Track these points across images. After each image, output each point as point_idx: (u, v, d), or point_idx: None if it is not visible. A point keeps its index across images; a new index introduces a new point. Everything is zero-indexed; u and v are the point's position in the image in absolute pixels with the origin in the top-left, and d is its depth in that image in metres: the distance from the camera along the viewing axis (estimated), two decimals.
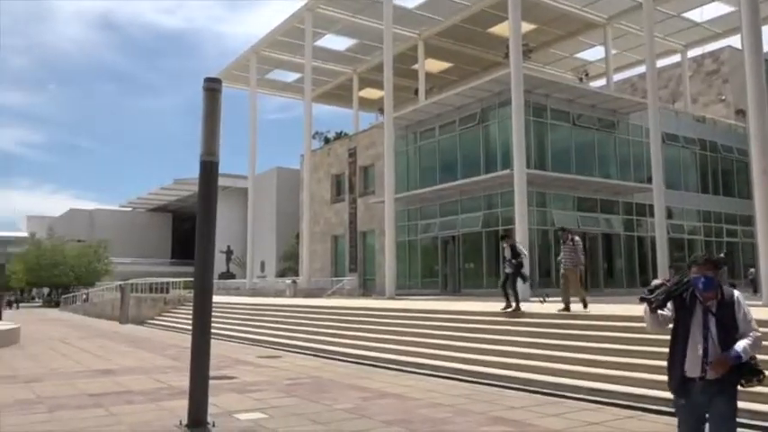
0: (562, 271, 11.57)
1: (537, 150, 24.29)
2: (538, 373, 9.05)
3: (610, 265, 26.49)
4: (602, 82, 34.53)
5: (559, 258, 11.79)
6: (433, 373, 10.17)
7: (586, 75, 35.53)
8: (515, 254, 12.16)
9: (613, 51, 32.66)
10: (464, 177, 25.75)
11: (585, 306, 11.24)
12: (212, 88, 6.58)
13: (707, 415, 3.60)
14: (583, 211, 25.30)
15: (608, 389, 7.93)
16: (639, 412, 6.95)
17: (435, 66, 35.03)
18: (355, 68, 37.25)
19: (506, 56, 25.31)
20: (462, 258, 26.58)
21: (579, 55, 35.56)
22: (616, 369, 8.43)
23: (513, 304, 11.91)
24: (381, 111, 30.73)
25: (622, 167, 26.84)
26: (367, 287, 31.99)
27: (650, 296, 3.60)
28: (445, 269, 27.73)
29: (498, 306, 12.42)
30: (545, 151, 24.88)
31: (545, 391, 8.38)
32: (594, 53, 34.92)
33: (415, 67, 33.07)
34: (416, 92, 33.01)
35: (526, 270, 12.89)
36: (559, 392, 8.21)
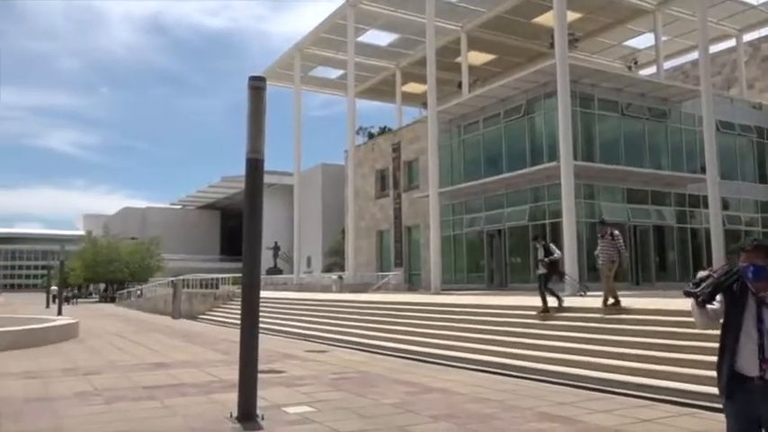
0: (599, 263, 11.30)
1: (584, 141, 23.81)
2: (585, 369, 8.90)
3: (662, 258, 25.77)
4: (652, 70, 33.57)
5: (596, 252, 11.51)
6: (478, 367, 10.12)
7: (635, 63, 34.60)
8: (548, 253, 11.99)
9: (664, 38, 31.70)
10: (509, 170, 25.44)
11: (606, 304, 10.75)
12: (257, 87, 6.70)
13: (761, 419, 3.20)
14: (633, 203, 24.67)
15: (658, 385, 7.75)
16: (693, 409, 6.77)
17: (479, 58, 34.68)
18: (398, 63, 37.21)
19: (551, 46, 24.86)
20: (508, 252, 26.31)
21: (628, 43, 34.64)
22: (667, 365, 8.21)
23: (555, 303, 11.72)
24: (425, 105, 30.64)
25: (674, 157, 26.05)
26: (412, 282, 32.00)
27: (696, 290, 3.24)
28: (491, 263, 27.50)
29: (550, 300, 12.27)
30: (593, 142, 24.36)
31: (592, 386, 8.24)
32: (644, 40, 33.98)
33: (459, 60, 32.80)
34: (460, 85, 32.77)
35: (563, 268, 12.67)
36: (608, 388, 8.06)
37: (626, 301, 11.06)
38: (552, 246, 12.30)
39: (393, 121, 40.71)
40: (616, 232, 11.15)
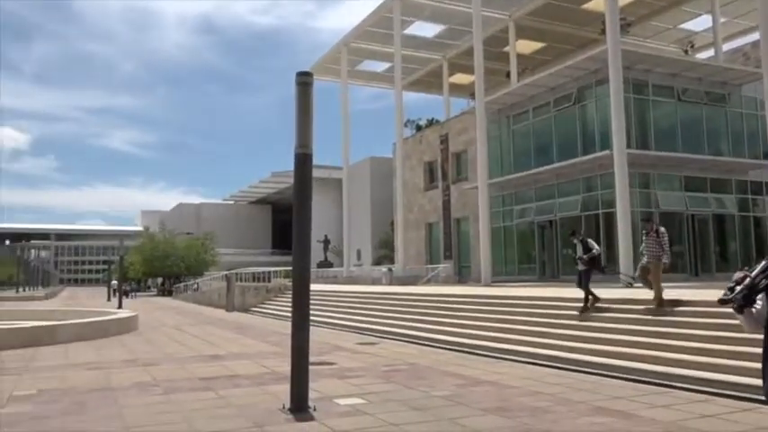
0: (643, 262, 10.85)
1: (638, 129, 23.15)
2: (640, 362, 8.67)
3: (723, 247, 24.88)
4: (709, 53, 32.30)
5: (641, 250, 11.10)
6: (530, 360, 9.99)
7: (692, 46, 33.40)
8: (587, 249, 11.70)
9: (722, 19, 30.48)
10: (560, 160, 24.98)
11: (661, 305, 10.21)
12: (304, 82, 6.75)
13: None
14: (691, 192, 23.87)
15: (718, 379, 7.48)
16: (755, 404, 6.50)
17: (527, 47, 34.09)
18: (445, 54, 36.94)
19: (603, 32, 24.24)
20: (560, 243, 25.86)
21: (683, 26, 33.43)
22: (727, 358, 7.92)
23: (591, 299, 11.45)
24: (472, 96, 30.34)
25: (735, 143, 25.06)
26: (462, 274, 31.84)
27: (730, 296, 2.91)
28: (543, 255, 27.10)
29: (597, 292, 12.01)
30: (647, 129, 23.65)
31: (648, 380, 8.02)
32: (700, 23, 32.70)
33: (507, 49, 32.33)
34: (508, 74, 32.31)
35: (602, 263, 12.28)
36: (665, 382, 7.83)
37: (684, 293, 10.72)
38: (590, 241, 12.00)
39: (441, 113, 40.54)
40: (662, 229, 10.69)
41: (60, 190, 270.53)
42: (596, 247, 11.85)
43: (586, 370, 8.95)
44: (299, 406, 6.37)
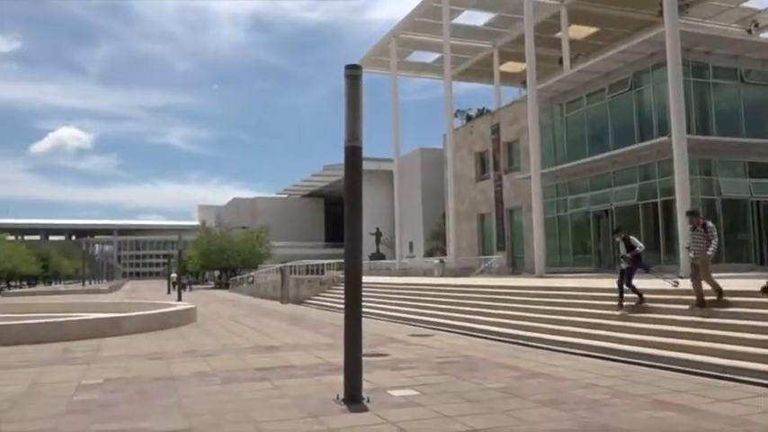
0: (690, 257, 10.35)
1: (698, 113, 22.32)
2: (700, 354, 8.38)
3: None
4: None
5: (687, 245, 10.60)
6: (585, 352, 9.80)
7: (756, 26, 31.87)
8: (630, 247, 11.31)
9: None
10: (616, 148, 24.33)
11: (722, 295, 9.75)
12: (353, 75, 6.77)
13: None
14: (756, 178, 22.87)
15: None
16: None
17: (580, 32, 33.24)
18: (495, 43, 36.42)
19: (660, 13, 23.39)
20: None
21: (746, 4, 31.94)
22: None
23: (638, 297, 11.08)
24: (524, 84, 29.85)
25: None
26: (516, 265, 31.46)
27: None
28: (599, 245, 26.51)
29: (655, 283, 11.67)
30: (708, 114, 22.78)
31: (710, 373, 7.74)
32: (765, 0, 31.22)
33: (559, 35, 31.63)
34: (561, 61, 31.61)
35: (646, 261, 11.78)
36: (727, 375, 7.54)
37: (749, 283, 10.28)
38: (634, 239, 11.59)
39: (491, 103, 40.04)
40: (709, 223, 10.17)
41: (122, 187, 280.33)
42: (640, 244, 11.45)
43: (644, 362, 8.71)
44: (353, 397, 6.43)
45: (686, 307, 10.11)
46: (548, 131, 28.21)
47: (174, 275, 43.70)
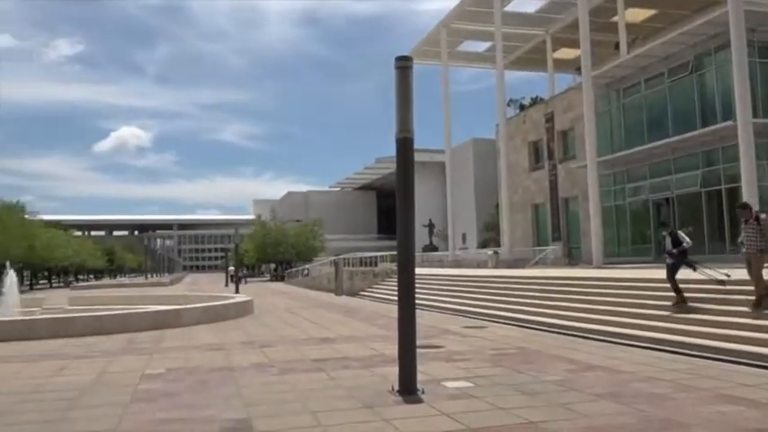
0: (743, 251, 9.78)
1: (765, 96, 21.31)
2: None
3: None
4: None
5: (740, 239, 10.03)
6: (645, 345, 9.53)
7: None
8: (677, 243, 10.84)
9: None
10: (677, 134, 23.51)
11: (759, 305, 9.19)
12: (403, 66, 6.74)
13: None
14: None
15: None
16: None
17: (637, 15, 32.18)
18: (548, 29, 35.67)
19: None
20: (678, 222, 24.39)
21: None
22: None
23: (677, 298, 10.65)
24: (578, 71, 29.17)
25: None
26: (572, 256, 30.87)
27: None
28: (659, 234, 25.65)
29: (720, 274, 11.23)
30: None
31: None
32: None
33: (615, 19, 30.71)
34: (617, 46, 30.71)
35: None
36: None
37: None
38: (681, 234, 11.13)
39: (544, 91, 39.34)
40: (763, 216, 9.63)
41: (180, 183, 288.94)
42: (687, 240, 10.99)
43: (709, 356, 8.42)
44: (408, 388, 6.44)
45: (752, 298, 9.70)
46: (604, 119, 27.48)
47: (231, 268, 44.76)
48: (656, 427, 5.12)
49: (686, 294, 10.82)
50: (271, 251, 59.89)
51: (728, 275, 10.86)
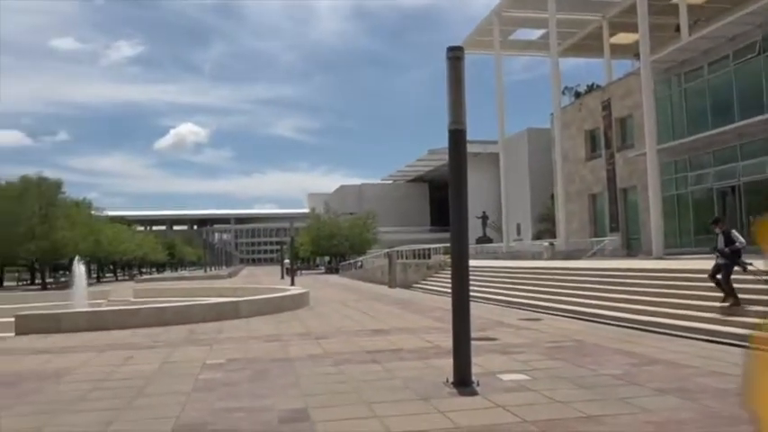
0: None
1: None
2: None
3: None
4: None
5: None
6: (709, 338, 9.22)
7: None
8: (730, 241, 10.28)
9: None
10: (743, 119, 22.49)
11: None
12: (455, 57, 6.70)
13: None
14: None
15: None
16: None
17: None
18: (604, 14, 34.67)
19: None
20: (745, 211, 23.41)
21: None
22: None
23: (731, 299, 10.12)
24: (637, 56, 28.26)
25: None
26: (631, 247, 30.06)
27: None
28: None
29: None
30: None
31: None
32: None
33: (675, 1, 29.60)
34: (677, 28, 29.60)
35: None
36: None
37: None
38: (735, 233, 10.49)
39: (600, 78, 38.27)
40: None
41: (236, 178, 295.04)
42: (741, 239, 10.37)
43: None
44: (463, 380, 6.43)
45: None
46: (664, 105, 26.56)
47: (287, 261, 45.52)
48: (723, 424, 4.95)
49: (751, 286, 10.36)
50: (325, 244, 60.61)
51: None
